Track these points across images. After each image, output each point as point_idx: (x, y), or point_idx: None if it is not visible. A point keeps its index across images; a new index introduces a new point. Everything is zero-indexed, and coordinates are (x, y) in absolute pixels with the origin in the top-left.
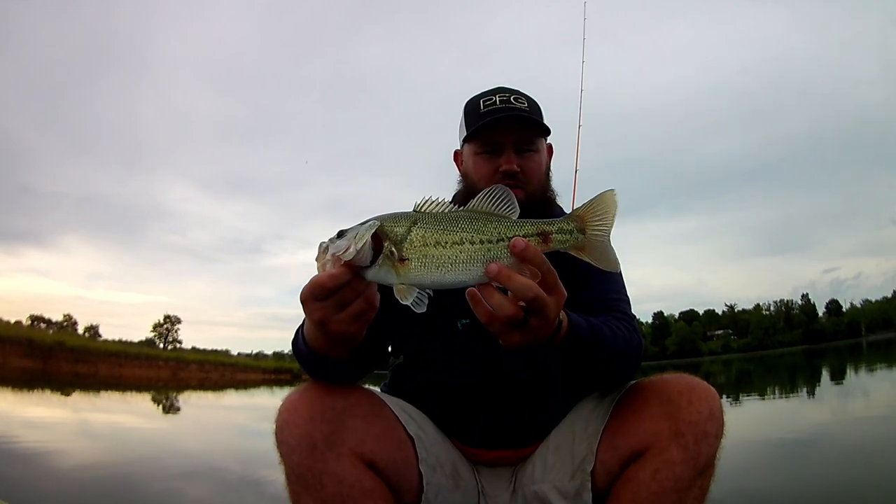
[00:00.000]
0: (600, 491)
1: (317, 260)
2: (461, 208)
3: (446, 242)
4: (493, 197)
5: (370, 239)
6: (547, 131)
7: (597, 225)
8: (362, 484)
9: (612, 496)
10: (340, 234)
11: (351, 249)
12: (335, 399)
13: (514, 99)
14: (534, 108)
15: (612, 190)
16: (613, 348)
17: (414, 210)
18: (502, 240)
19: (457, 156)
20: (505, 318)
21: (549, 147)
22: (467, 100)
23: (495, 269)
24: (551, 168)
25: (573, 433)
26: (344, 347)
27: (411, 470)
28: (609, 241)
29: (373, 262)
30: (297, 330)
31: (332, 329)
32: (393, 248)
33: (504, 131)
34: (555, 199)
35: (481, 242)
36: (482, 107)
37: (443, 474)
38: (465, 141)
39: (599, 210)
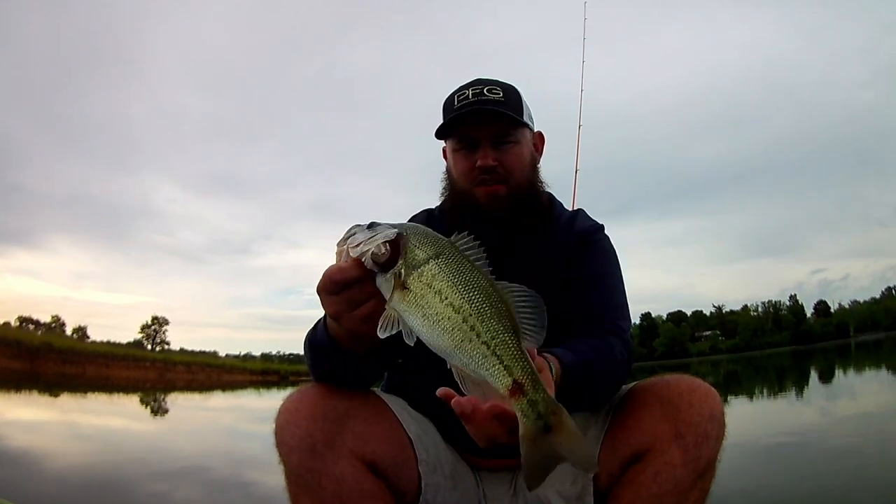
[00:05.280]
0: (601, 492)
1: (337, 245)
2: (485, 265)
3: (445, 297)
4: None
5: (385, 246)
6: (520, 123)
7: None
8: (362, 485)
9: (612, 498)
10: (371, 226)
11: (360, 248)
12: (336, 400)
13: (487, 90)
14: (511, 97)
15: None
16: (603, 378)
17: (448, 238)
18: (494, 354)
19: (444, 152)
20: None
21: (539, 135)
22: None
23: (463, 405)
24: (540, 157)
25: None
26: (361, 345)
27: (412, 471)
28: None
29: (389, 268)
30: (318, 321)
31: (345, 326)
32: (403, 270)
33: (478, 125)
34: (543, 188)
35: (472, 329)
36: (456, 102)
37: (442, 475)
38: (443, 138)
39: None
